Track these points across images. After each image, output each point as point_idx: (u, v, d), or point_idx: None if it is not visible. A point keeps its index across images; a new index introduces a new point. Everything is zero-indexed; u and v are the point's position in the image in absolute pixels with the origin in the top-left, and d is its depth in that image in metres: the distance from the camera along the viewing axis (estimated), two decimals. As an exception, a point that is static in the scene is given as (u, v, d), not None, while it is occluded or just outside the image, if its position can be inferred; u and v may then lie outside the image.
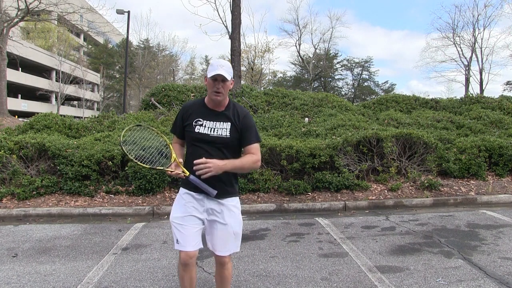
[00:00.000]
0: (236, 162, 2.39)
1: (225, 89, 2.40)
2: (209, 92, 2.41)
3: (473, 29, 33.01)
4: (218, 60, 2.48)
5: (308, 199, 6.56)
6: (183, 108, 2.56)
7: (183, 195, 2.47)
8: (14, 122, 14.93)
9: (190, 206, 2.44)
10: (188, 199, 2.45)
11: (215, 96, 2.40)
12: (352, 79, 47.15)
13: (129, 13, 22.37)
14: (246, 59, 36.69)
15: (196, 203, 2.44)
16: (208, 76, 2.37)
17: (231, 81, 2.41)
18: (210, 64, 2.42)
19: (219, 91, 2.37)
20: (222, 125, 2.44)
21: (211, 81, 2.36)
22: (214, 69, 2.34)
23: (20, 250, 4.41)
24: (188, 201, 2.44)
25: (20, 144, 6.74)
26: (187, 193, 2.46)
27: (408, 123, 9.66)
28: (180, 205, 2.46)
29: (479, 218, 5.58)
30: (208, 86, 2.40)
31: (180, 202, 2.47)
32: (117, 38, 48.47)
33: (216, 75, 2.33)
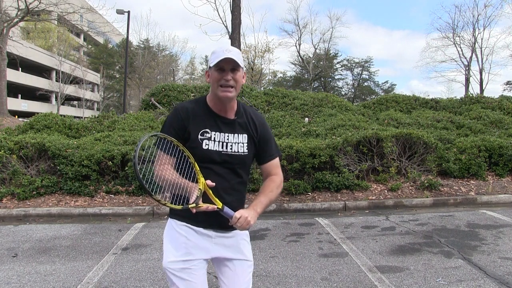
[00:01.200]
0: (265, 200, 1.79)
1: (237, 82, 1.74)
2: (214, 88, 1.74)
3: (473, 29, 33.06)
4: (223, 45, 1.85)
5: (308, 199, 6.56)
6: (180, 112, 1.77)
7: (181, 230, 1.78)
8: (14, 122, 14.93)
9: (192, 244, 1.77)
10: (190, 235, 1.78)
11: (224, 93, 1.71)
12: (352, 79, 47.20)
13: (129, 13, 22.38)
14: (246, 59, 36.68)
15: (202, 239, 1.79)
16: (211, 65, 1.72)
17: (243, 73, 1.77)
18: (213, 52, 1.75)
19: (229, 83, 1.71)
20: (238, 138, 1.81)
21: (216, 73, 1.71)
22: (219, 55, 1.69)
23: (20, 250, 4.41)
24: (189, 238, 1.77)
25: (20, 144, 6.74)
26: (188, 228, 1.78)
27: (408, 123, 9.66)
28: (179, 243, 1.77)
29: (479, 218, 5.58)
30: (213, 81, 1.74)
31: (178, 239, 1.77)
32: (117, 38, 48.47)
33: (222, 60, 1.68)
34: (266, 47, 36.49)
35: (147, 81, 43.90)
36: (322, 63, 42.43)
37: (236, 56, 1.70)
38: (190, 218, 1.74)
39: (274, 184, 1.86)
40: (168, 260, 1.75)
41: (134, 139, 7.44)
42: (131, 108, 44.54)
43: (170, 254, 1.75)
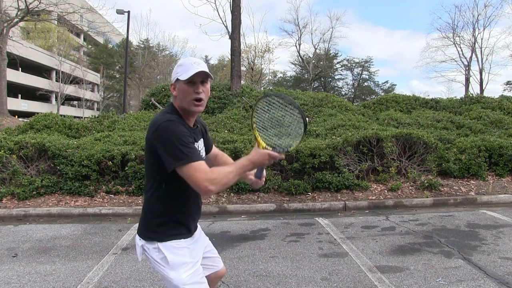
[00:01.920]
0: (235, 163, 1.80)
1: (207, 94, 1.78)
2: (185, 102, 1.73)
3: (473, 29, 33.07)
4: (189, 58, 1.81)
5: (308, 199, 6.56)
6: (182, 125, 1.73)
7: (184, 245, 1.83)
8: (14, 122, 14.93)
9: (193, 250, 1.87)
10: (189, 244, 1.86)
11: (197, 107, 1.74)
12: (352, 79, 47.20)
13: (129, 13, 22.37)
14: (246, 59, 36.69)
15: (195, 245, 1.92)
16: (181, 79, 1.70)
17: (210, 83, 1.82)
18: (179, 65, 1.75)
19: (201, 97, 1.73)
20: (201, 144, 1.94)
21: (186, 86, 1.71)
22: (189, 68, 1.69)
23: (20, 250, 4.41)
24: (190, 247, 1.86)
25: (20, 144, 6.74)
26: (187, 240, 1.86)
27: (408, 123, 9.66)
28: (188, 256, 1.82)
29: (479, 218, 5.58)
30: (183, 95, 1.73)
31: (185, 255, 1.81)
32: (117, 38, 48.47)
33: (194, 74, 1.68)
34: (266, 47, 36.53)
35: (147, 81, 43.90)
36: (322, 63, 42.44)
37: (205, 68, 1.73)
38: (185, 233, 1.85)
39: (226, 156, 2.21)
40: (184, 276, 1.76)
41: (134, 139, 7.44)
42: (131, 108, 44.55)
43: (184, 270, 1.77)
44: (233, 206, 6.30)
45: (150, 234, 1.80)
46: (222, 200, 6.53)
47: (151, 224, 1.81)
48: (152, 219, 1.81)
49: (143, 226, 1.84)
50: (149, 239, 1.80)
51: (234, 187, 6.70)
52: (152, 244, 1.79)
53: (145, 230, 1.82)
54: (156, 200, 1.80)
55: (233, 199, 6.55)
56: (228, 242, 4.65)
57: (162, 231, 1.78)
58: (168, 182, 1.75)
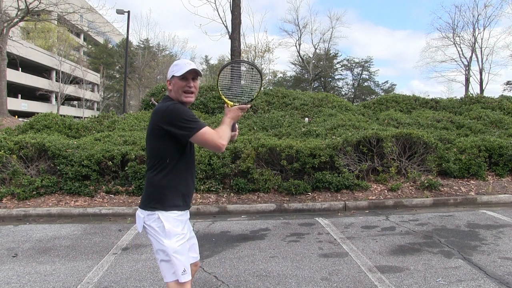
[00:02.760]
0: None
1: (197, 89, 2.16)
2: (178, 94, 2.10)
3: (473, 29, 33.07)
4: (183, 59, 2.22)
5: (308, 199, 6.56)
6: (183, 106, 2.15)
7: (179, 217, 2.13)
8: (14, 122, 14.93)
9: (186, 228, 2.20)
10: (184, 219, 2.19)
11: (188, 98, 2.11)
12: (352, 79, 47.17)
13: (129, 13, 22.38)
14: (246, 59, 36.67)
15: (186, 218, 2.23)
16: (176, 75, 2.08)
17: (199, 81, 2.21)
18: (175, 64, 2.13)
19: (192, 90, 2.11)
20: None
21: (180, 81, 2.09)
22: (183, 67, 2.08)
23: (20, 250, 4.41)
24: (184, 222, 2.18)
25: (20, 144, 6.74)
26: (182, 214, 2.17)
27: (408, 123, 9.66)
28: (181, 228, 2.14)
29: (479, 218, 5.58)
30: (177, 88, 2.10)
31: (180, 225, 2.13)
32: (117, 38, 48.48)
33: (187, 71, 2.07)
34: (266, 47, 36.57)
35: (147, 81, 43.90)
36: (322, 63, 42.41)
37: (197, 67, 2.12)
38: (182, 205, 2.14)
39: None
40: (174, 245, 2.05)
41: (134, 139, 7.44)
42: (131, 108, 44.54)
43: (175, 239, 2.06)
44: (233, 206, 6.30)
45: (154, 205, 2.08)
46: (222, 200, 6.53)
47: (155, 196, 2.09)
48: (157, 191, 2.09)
49: (147, 199, 2.11)
50: (152, 209, 2.08)
51: (234, 187, 6.70)
52: (153, 214, 2.07)
53: (149, 201, 2.10)
54: (160, 174, 2.09)
55: (233, 199, 6.55)
56: (228, 242, 4.65)
57: (165, 201, 2.08)
58: (171, 157, 2.08)
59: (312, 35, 55.51)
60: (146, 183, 2.16)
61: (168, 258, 2.03)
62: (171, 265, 2.03)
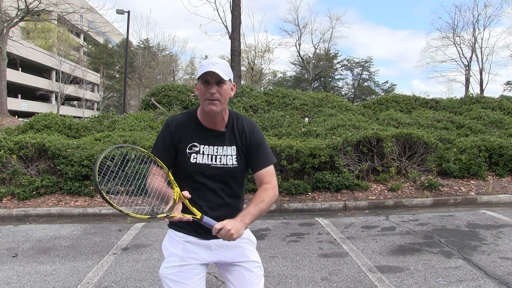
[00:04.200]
0: (254, 210, 1.66)
1: (223, 95, 1.69)
2: (201, 101, 1.72)
3: (473, 29, 33.07)
4: (211, 58, 1.77)
5: (308, 199, 6.56)
6: (171, 125, 1.77)
7: (179, 238, 1.83)
8: (14, 122, 14.93)
9: (190, 250, 1.81)
10: (189, 243, 1.81)
11: (210, 106, 1.68)
12: (352, 79, 47.16)
13: (129, 13, 22.38)
14: (246, 59, 36.71)
15: (201, 249, 1.81)
16: (198, 78, 1.71)
17: (231, 85, 1.74)
18: (201, 65, 1.72)
19: (214, 97, 1.67)
20: (227, 151, 1.78)
21: (202, 86, 1.69)
22: (204, 68, 1.67)
23: (20, 250, 4.41)
24: (187, 246, 1.81)
25: (20, 144, 6.74)
26: (187, 238, 1.81)
27: (408, 123, 9.66)
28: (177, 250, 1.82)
29: (479, 218, 5.57)
30: (200, 94, 1.72)
31: (176, 246, 1.83)
32: (117, 38, 48.48)
33: (206, 73, 1.65)
34: (266, 47, 36.55)
35: (147, 81, 43.90)
36: (322, 63, 42.42)
37: (221, 69, 1.66)
38: (189, 230, 1.78)
39: (265, 194, 1.73)
40: (164, 266, 1.80)
41: (134, 139, 7.43)
42: (131, 108, 44.54)
43: (168, 261, 1.81)
44: (233, 206, 6.29)
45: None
46: (222, 200, 6.53)
47: None
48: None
49: None
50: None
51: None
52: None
53: None
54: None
55: (233, 199, 6.54)
56: (228, 242, 4.65)
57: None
58: (172, 169, 1.81)
59: (312, 35, 55.52)
60: None
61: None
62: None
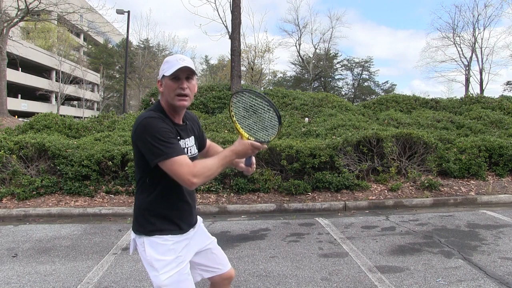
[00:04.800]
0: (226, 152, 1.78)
1: (192, 90, 1.77)
2: (170, 97, 1.74)
3: (473, 29, 33.06)
4: (176, 55, 1.80)
5: (308, 199, 6.56)
6: (162, 122, 1.72)
7: (170, 244, 1.81)
8: (14, 122, 14.93)
9: (180, 250, 1.84)
10: (176, 243, 1.83)
11: (181, 102, 1.73)
12: (352, 79, 47.16)
13: (129, 13, 22.38)
14: (246, 59, 36.69)
15: (185, 243, 1.88)
16: (166, 75, 1.71)
17: (196, 80, 1.82)
18: (166, 61, 1.75)
19: (185, 92, 1.72)
20: (191, 141, 1.90)
21: (171, 82, 1.72)
22: (173, 65, 1.70)
23: (20, 250, 4.41)
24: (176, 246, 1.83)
25: (20, 144, 6.74)
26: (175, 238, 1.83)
27: (408, 123, 9.66)
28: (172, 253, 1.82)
29: (479, 218, 5.57)
30: (168, 90, 1.74)
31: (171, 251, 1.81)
32: (117, 38, 48.45)
33: (177, 70, 1.68)
34: (266, 47, 36.53)
35: (147, 81, 43.88)
36: (322, 63, 42.41)
37: (190, 64, 1.72)
38: (173, 229, 1.82)
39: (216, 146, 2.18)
40: (164, 278, 1.76)
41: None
42: (131, 108, 44.53)
43: (165, 271, 1.78)
44: (233, 206, 6.30)
45: (138, 228, 1.83)
46: (222, 200, 6.53)
47: (139, 218, 1.83)
48: (140, 213, 1.82)
49: (134, 220, 1.87)
50: (138, 233, 1.83)
51: (234, 187, 6.69)
52: (140, 238, 1.83)
53: (135, 224, 1.85)
54: (142, 194, 1.82)
55: (233, 199, 6.54)
56: (228, 242, 4.65)
57: (147, 225, 1.79)
58: (151, 176, 1.76)
59: (312, 35, 55.54)
60: (134, 202, 1.91)
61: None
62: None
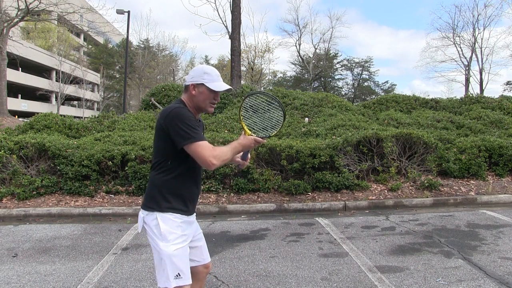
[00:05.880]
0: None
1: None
2: (204, 103, 2.11)
3: (473, 29, 33.08)
4: (212, 68, 2.16)
5: (308, 199, 6.56)
6: (190, 112, 2.07)
7: (179, 222, 2.08)
8: (14, 122, 14.93)
9: (185, 229, 2.12)
10: (184, 222, 2.11)
11: (211, 108, 2.15)
12: (352, 79, 47.16)
13: (129, 13, 22.39)
14: (246, 59, 36.72)
15: (190, 225, 2.17)
16: (212, 88, 2.07)
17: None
18: (206, 73, 2.10)
19: (215, 103, 2.16)
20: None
21: (209, 93, 2.09)
22: (215, 79, 2.09)
23: (20, 250, 4.41)
24: (183, 225, 2.10)
25: (20, 144, 6.74)
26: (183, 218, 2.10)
27: (408, 123, 9.66)
28: (181, 229, 2.08)
29: (479, 218, 5.58)
30: (204, 97, 2.09)
31: (180, 227, 2.07)
32: (117, 38, 48.46)
33: (224, 90, 2.11)
34: (266, 47, 36.57)
35: (147, 81, 43.89)
36: (322, 63, 42.41)
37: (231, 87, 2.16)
38: (183, 209, 2.10)
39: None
40: (174, 248, 2.01)
41: (134, 139, 7.44)
42: (131, 108, 44.53)
43: (175, 242, 2.02)
44: (233, 206, 6.30)
45: (152, 205, 2.06)
46: (222, 200, 6.53)
47: (155, 196, 2.07)
48: (157, 191, 2.07)
49: (147, 198, 2.10)
50: (151, 210, 2.06)
51: (234, 187, 6.69)
52: (152, 214, 2.05)
53: (149, 201, 2.08)
54: (160, 174, 2.08)
55: (233, 199, 6.55)
56: (228, 242, 4.65)
57: (163, 202, 2.05)
58: (173, 160, 2.05)
59: (312, 35, 55.70)
60: (149, 181, 2.15)
61: (162, 261, 2.00)
62: (163, 269, 2.00)
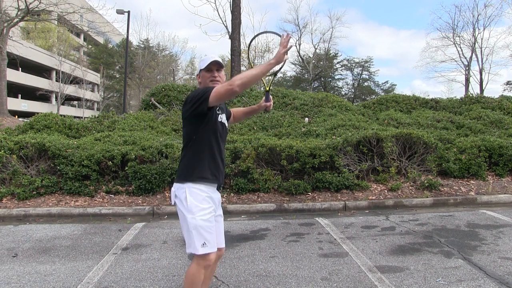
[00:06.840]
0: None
1: (222, 78, 2.44)
2: (206, 83, 2.43)
3: (473, 29, 33.09)
4: (208, 55, 2.52)
5: (308, 199, 6.56)
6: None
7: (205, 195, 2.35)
8: (14, 122, 14.93)
9: (212, 204, 2.40)
10: (212, 198, 2.40)
11: (213, 83, 2.41)
12: (352, 79, 47.16)
13: (129, 13, 22.40)
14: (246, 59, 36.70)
15: (215, 198, 2.44)
16: (202, 68, 2.42)
17: (223, 72, 2.50)
18: (201, 60, 2.50)
19: (216, 79, 2.42)
20: (224, 117, 2.54)
21: (206, 73, 2.43)
22: (207, 60, 2.42)
23: (20, 250, 4.41)
24: (211, 195, 2.39)
25: (20, 144, 6.74)
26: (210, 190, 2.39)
27: (408, 123, 9.66)
28: (206, 202, 2.35)
29: (479, 218, 5.58)
30: (204, 79, 2.44)
31: (205, 200, 2.34)
32: (117, 38, 48.44)
33: (209, 63, 2.40)
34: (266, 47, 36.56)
35: (147, 81, 43.89)
36: (322, 63, 42.41)
37: (219, 59, 2.44)
38: (212, 178, 2.37)
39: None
40: (201, 219, 2.26)
41: (134, 139, 7.44)
42: (131, 108, 44.52)
43: (200, 211, 2.28)
44: (233, 206, 6.30)
45: (183, 178, 2.35)
46: (222, 200, 6.53)
47: (185, 170, 2.36)
48: (186, 165, 2.37)
49: (179, 173, 2.40)
50: (181, 182, 2.35)
51: (234, 187, 6.69)
52: (182, 188, 2.33)
53: (179, 175, 2.38)
54: (189, 150, 2.38)
55: (233, 199, 6.55)
56: (228, 242, 4.63)
57: (192, 173, 2.33)
58: (197, 134, 2.36)
59: (312, 35, 55.78)
60: (180, 161, 2.46)
61: (189, 231, 2.26)
62: (190, 238, 2.25)
